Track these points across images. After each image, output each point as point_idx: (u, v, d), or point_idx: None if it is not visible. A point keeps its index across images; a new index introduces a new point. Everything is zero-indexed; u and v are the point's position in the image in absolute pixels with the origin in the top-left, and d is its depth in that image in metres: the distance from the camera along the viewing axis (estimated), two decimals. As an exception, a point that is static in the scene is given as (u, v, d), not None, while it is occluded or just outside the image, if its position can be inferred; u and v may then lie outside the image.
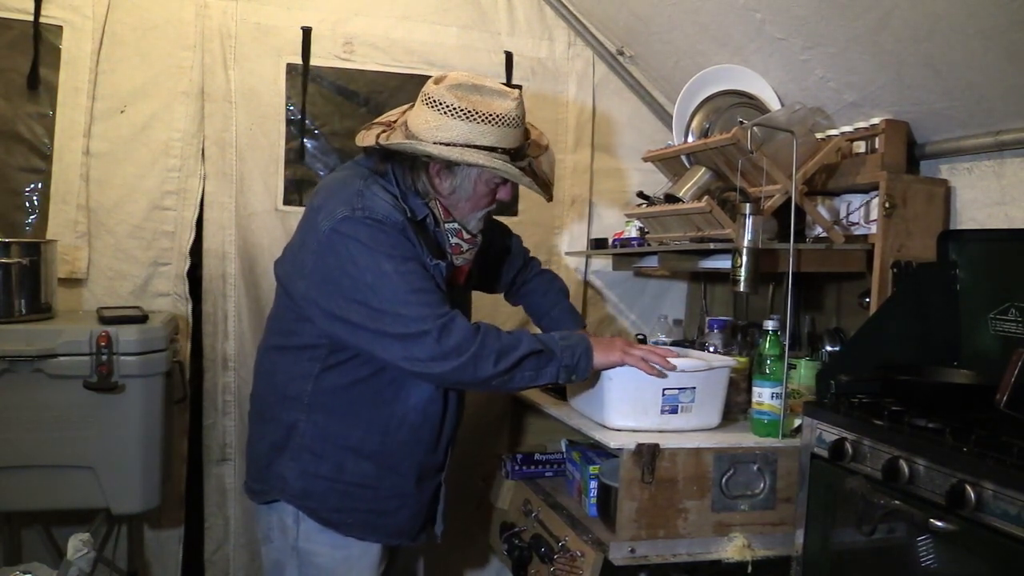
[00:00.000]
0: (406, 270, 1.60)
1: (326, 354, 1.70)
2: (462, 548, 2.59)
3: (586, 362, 1.70)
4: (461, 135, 1.62)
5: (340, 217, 1.61)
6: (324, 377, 1.71)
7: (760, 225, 1.87)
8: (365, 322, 1.60)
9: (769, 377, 1.80)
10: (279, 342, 1.78)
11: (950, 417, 1.47)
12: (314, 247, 1.65)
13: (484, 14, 2.67)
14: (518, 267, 2.17)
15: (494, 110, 1.63)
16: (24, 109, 2.31)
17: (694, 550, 1.77)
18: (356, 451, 1.72)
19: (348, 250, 1.60)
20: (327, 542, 1.73)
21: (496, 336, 1.65)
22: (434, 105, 1.63)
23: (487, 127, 1.62)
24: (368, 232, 1.60)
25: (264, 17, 2.47)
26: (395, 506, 1.76)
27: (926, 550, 1.39)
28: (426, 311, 1.59)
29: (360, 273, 1.59)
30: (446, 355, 1.59)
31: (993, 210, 1.91)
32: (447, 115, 1.62)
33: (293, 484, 1.72)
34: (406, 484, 1.77)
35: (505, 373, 1.63)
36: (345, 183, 1.69)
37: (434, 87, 1.66)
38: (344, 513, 1.72)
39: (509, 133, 1.66)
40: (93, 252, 2.37)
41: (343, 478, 1.72)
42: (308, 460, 1.72)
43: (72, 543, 1.77)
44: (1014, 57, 1.68)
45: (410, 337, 1.58)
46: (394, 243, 1.62)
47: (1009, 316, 1.75)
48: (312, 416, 1.72)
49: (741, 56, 2.32)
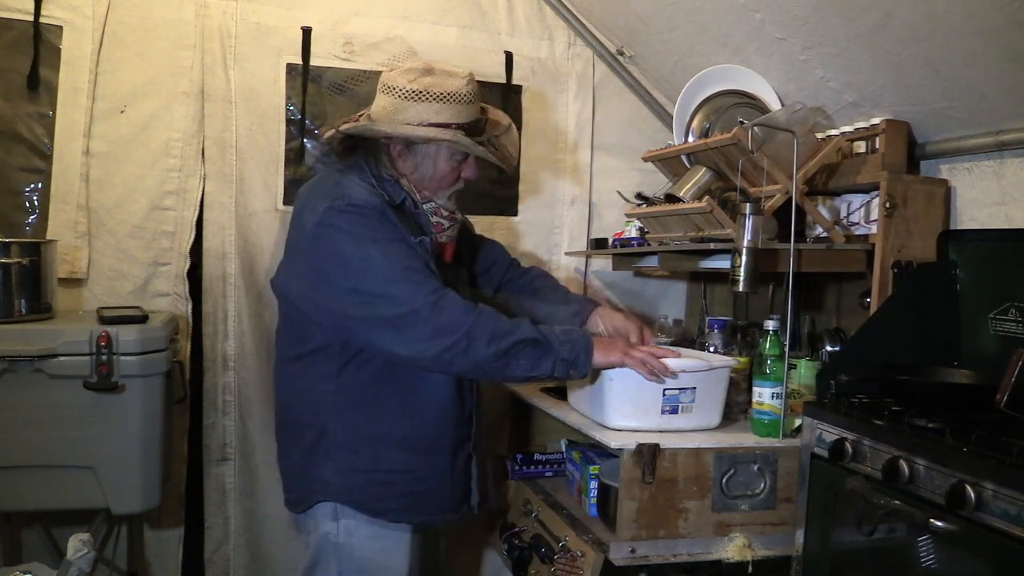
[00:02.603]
0: (390, 251, 1.64)
1: (340, 350, 1.73)
2: (462, 548, 2.59)
3: (585, 359, 1.70)
4: (416, 115, 1.70)
5: (323, 209, 1.66)
6: (344, 374, 1.74)
7: (760, 225, 1.87)
8: (359, 311, 1.64)
9: (769, 377, 1.80)
10: (292, 352, 1.80)
11: (950, 417, 1.47)
12: (303, 246, 1.70)
13: (484, 14, 2.67)
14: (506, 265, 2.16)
15: (446, 88, 1.70)
16: (24, 109, 2.30)
17: (694, 550, 1.77)
18: (389, 440, 1.76)
19: (334, 241, 1.65)
20: (366, 534, 1.76)
21: (493, 317, 1.66)
22: (389, 91, 1.73)
23: (440, 104, 1.70)
24: (350, 219, 1.65)
25: (264, 17, 2.47)
26: (434, 485, 1.80)
27: (926, 550, 1.39)
28: (415, 289, 1.62)
29: (347, 261, 1.64)
30: (439, 332, 1.60)
31: (993, 210, 1.91)
32: (401, 98, 1.70)
33: (333, 482, 1.75)
34: (442, 462, 1.80)
35: (499, 357, 1.63)
36: (321, 181, 1.78)
37: (388, 74, 1.76)
38: (388, 500, 1.76)
39: (463, 109, 1.72)
40: (93, 252, 2.37)
41: (381, 467, 1.75)
42: (344, 457, 1.75)
43: (72, 543, 1.78)
44: (1014, 57, 1.68)
45: (402, 318, 1.61)
46: (376, 227, 1.66)
47: (1009, 316, 1.75)
48: (340, 414, 1.75)
49: (741, 56, 2.32)
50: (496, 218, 2.69)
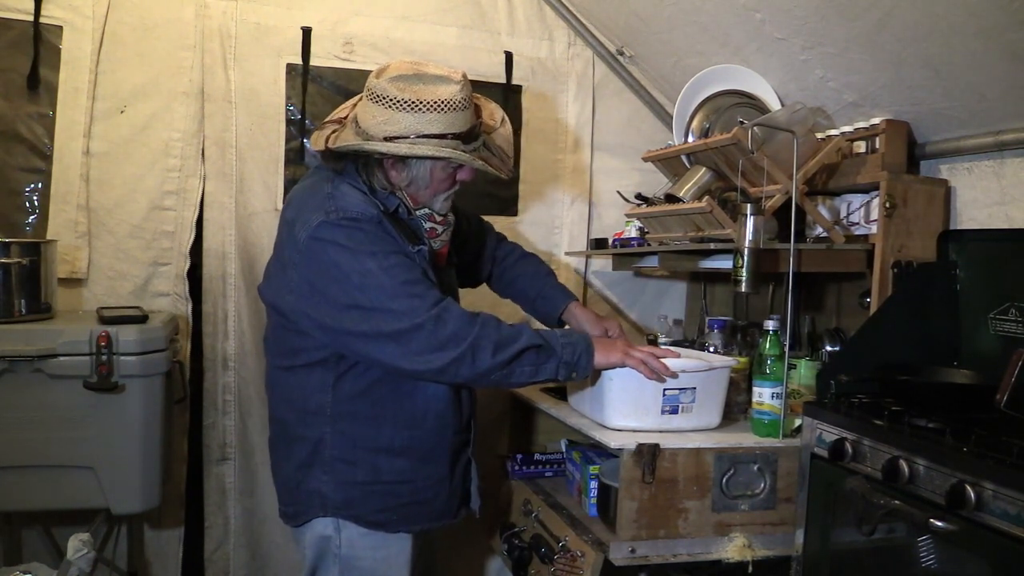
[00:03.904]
0: (390, 264, 1.60)
1: (335, 361, 1.69)
2: (462, 548, 2.59)
3: (587, 360, 1.69)
4: (409, 127, 1.61)
5: (316, 223, 1.60)
6: (341, 385, 1.70)
7: (761, 225, 1.87)
8: (359, 326, 1.59)
9: (769, 377, 1.80)
10: (285, 363, 1.76)
11: (950, 417, 1.47)
12: (296, 260, 1.64)
13: (484, 14, 2.67)
14: (492, 247, 2.15)
15: (439, 96, 1.61)
16: (24, 109, 2.30)
17: (694, 550, 1.77)
18: (388, 450, 1.72)
19: (330, 255, 1.60)
20: (368, 545, 1.73)
21: (495, 326, 1.64)
22: (378, 100, 1.62)
23: (434, 115, 1.61)
24: (346, 233, 1.60)
25: (264, 17, 2.47)
26: (433, 493, 1.78)
27: (926, 550, 1.40)
28: (417, 303, 1.58)
29: (345, 277, 1.59)
30: (443, 345, 1.58)
31: (993, 210, 1.91)
32: (392, 108, 1.61)
33: (332, 497, 1.72)
34: (442, 470, 1.78)
35: (504, 366, 1.62)
36: (313, 190, 1.69)
37: (376, 80, 1.64)
38: (388, 512, 1.73)
39: (457, 117, 1.64)
40: (93, 252, 2.37)
41: (380, 479, 1.72)
42: (342, 469, 1.71)
43: (72, 543, 1.78)
44: (1014, 57, 1.68)
45: (404, 333, 1.57)
46: (373, 240, 1.61)
47: (1009, 316, 1.75)
48: (338, 426, 1.71)
49: (741, 56, 2.32)
50: (496, 218, 2.67)
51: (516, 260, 2.15)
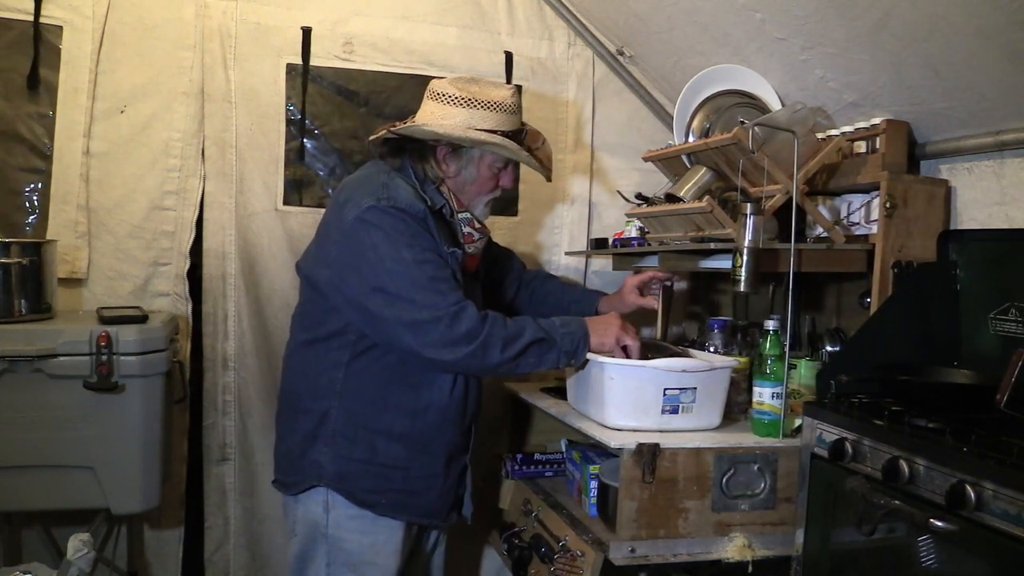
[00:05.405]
0: (423, 259, 1.72)
1: (355, 340, 1.80)
2: (462, 548, 2.59)
3: (584, 348, 1.81)
4: (463, 120, 1.80)
5: (366, 207, 1.72)
6: (355, 364, 1.81)
7: (761, 225, 1.87)
8: (382, 310, 1.70)
9: (769, 377, 1.80)
10: (308, 336, 1.87)
11: (950, 417, 1.47)
12: (338, 237, 1.76)
13: (484, 14, 2.66)
14: (519, 271, 2.30)
15: (492, 97, 1.82)
16: (24, 109, 2.30)
17: (694, 550, 1.77)
18: (388, 434, 1.81)
19: (371, 237, 1.71)
20: (356, 528, 1.81)
21: (502, 324, 1.74)
22: (437, 97, 1.82)
23: (487, 112, 1.81)
24: (391, 221, 1.72)
25: (264, 17, 2.47)
26: (425, 486, 1.86)
27: (926, 550, 1.39)
28: (439, 299, 1.69)
29: (380, 259, 1.70)
30: (456, 342, 1.68)
31: (993, 210, 1.91)
32: (449, 104, 1.80)
33: (328, 468, 1.81)
34: (436, 465, 1.86)
35: (512, 360, 1.74)
36: (369, 178, 1.83)
37: (437, 82, 1.86)
38: (378, 494, 1.81)
39: (507, 118, 1.84)
40: (93, 252, 2.37)
41: (376, 460, 1.81)
42: (342, 444, 1.81)
43: (72, 543, 1.78)
44: (1014, 57, 1.68)
45: (422, 324, 1.68)
46: (415, 233, 1.73)
47: (1009, 316, 1.75)
48: (344, 402, 1.81)
49: (741, 56, 2.32)
50: (496, 218, 2.67)
51: (544, 279, 2.34)
